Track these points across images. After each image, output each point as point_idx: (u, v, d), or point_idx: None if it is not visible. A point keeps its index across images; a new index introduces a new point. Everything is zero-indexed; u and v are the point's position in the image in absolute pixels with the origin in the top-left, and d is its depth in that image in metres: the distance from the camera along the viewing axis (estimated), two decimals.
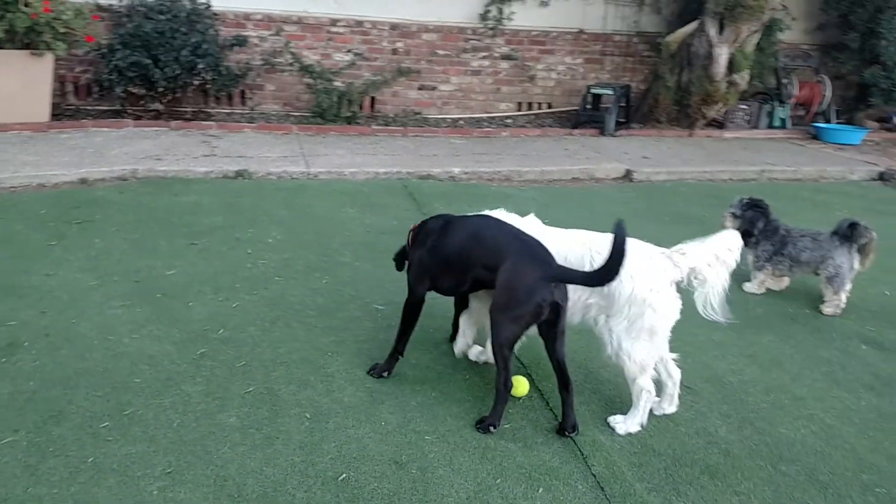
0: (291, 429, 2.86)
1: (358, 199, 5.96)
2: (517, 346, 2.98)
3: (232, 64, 8.74)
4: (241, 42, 8.65)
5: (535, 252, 2.85)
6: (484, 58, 10.12)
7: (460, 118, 10.02)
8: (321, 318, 3.80)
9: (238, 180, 6.32)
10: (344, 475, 2.62)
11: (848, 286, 4.26)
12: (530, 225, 3.23)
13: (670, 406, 3.13)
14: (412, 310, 3.21)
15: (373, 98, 9.74)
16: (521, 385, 3.15)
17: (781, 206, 6.12)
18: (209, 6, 8.37)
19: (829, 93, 10.41)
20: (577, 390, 3.03)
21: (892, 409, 3.30)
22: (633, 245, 2.84)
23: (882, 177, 7.93)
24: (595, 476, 2.70)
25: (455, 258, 3.05)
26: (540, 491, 2.61)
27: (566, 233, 3.20)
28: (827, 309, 4.27)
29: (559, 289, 2.80)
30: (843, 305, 4.27)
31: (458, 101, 10.17)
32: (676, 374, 3.10)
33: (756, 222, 4.50)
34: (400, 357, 3.27)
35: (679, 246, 2.96)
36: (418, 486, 2.58)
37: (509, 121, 10.02)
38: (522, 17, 9.96)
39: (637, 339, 2.87)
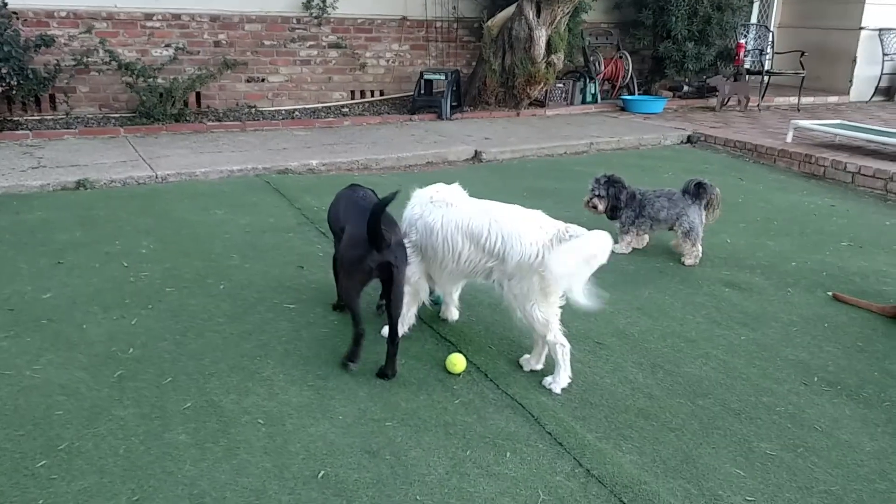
0: (249, 436, 2.78)
1: (222, 200, 5.74)
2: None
3: (38, 66, 7.97)
4: (46, 42, 7.89)
5: (366, 219, 3.04)
6: (311, 47, 10.01)
7: (295, 109, 9.85)
8: (233, 325, 3.68)
9: (81, 191, 5.84)
10: (322, 472, 2.61)
11: (701, 238, 4.81)
12: (453, 192, 3.47)
13: (538, 364, 3.35)
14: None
15: (198, 93, 9.31)
16: (458, 362, 3.28)
17: (618, 174, 6.73)
18: (6, 4, 7.55)
19: (630, 67, 11.42)
20: (510, 358, 3.21)
21: (767, 340, 3.81)
22: (522, 213, 3.18)
23: (689, 140, 8.89)
24: (550, 434, 2.89)
25: (333, 225, 3.63)
26: (508, 455, 2.75)
27: (472, 203, 3.37)
28: (688, 261, 4.79)
29: (391, 252, 3.04)
30: (700, 255, 4.81)
31: (290, 91, 9.99)
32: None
33: (619, 196, 4.91)
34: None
35: (571, 225, 3.13)
36: (397, 470, 2.63)
37: (346, 110, 10.01)
38: (347, 5, 9.96)
39: (535, 300, 3.10)
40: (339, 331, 3.62)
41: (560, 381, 3.21)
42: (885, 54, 13.20)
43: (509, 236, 3.12)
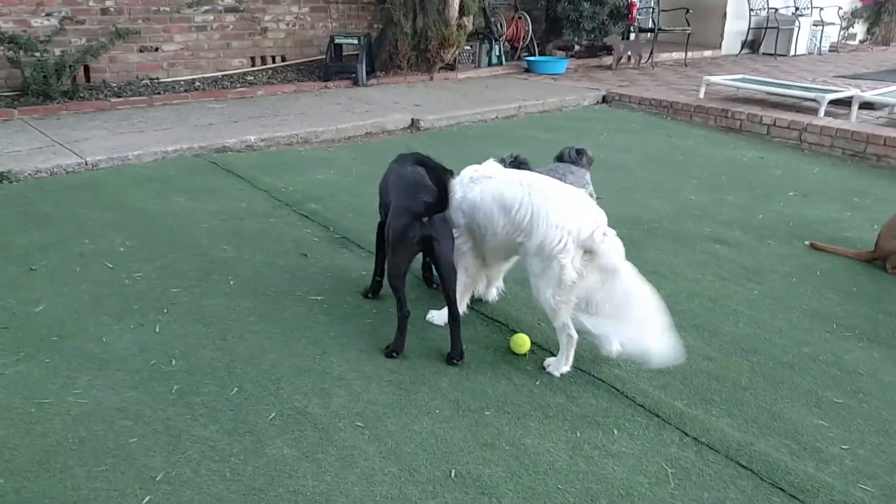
0: (357, 442, 2.63)
1: (174, 185, 5.31)
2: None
3: None
4: None
5: (408, 193, 3.08)
6: (207, 12, 9.36)
7: (194, 79, 9.20)
8: (269, 323, 3.43)
9: (6, 185, 5.19)
10: (452, 470, 2.52)
11: None
12: (490, 167, 3.39)
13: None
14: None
15: (87, 67, 8.48)
16: (524, 343, 3.25)
17: (556, 137, 6.86)
18: None
19: (530, 28, 11.55)
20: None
21: (776, 293, 4.05)
22: (566, 192, 3.06)
23: (605, 99, 9.16)
24: (643, 406, 2.94)
25: (383, 198, 3.51)
26: (616, 433, 2.78)
27: (510, 174, 3.28)
28: None
29: (432, 225, 3.01)
30: None
31: (187, 60, 9.32)
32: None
33: None
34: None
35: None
36: (524, 461, 2.58)
37: (251, 77, 9.47)
38: None
39: (548, 285, 2.99)
40: (383, 320, 3.47)
41: (560, 366, 3.12)
42: (751, 10, 14.14)
43: (538, 212, 2.99)
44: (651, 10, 12.46)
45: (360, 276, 3.96)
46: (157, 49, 9.04)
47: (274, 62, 10.08)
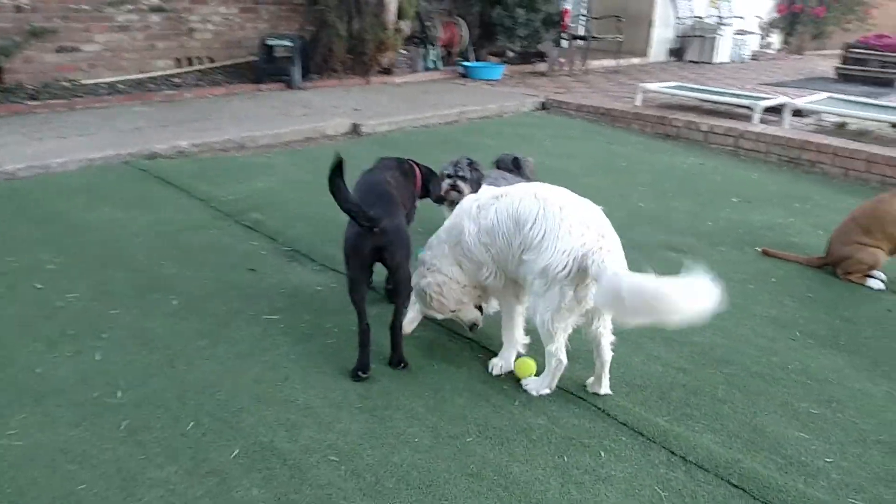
0: (333, 479, 2.42)
1: (103, 195, 4.94)
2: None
3: None
4: None
5: (363, 202, 2.97)
6: (131, 11, 8.87)
7: (117, 81, 8.71)
8: (221, 347, 3.18)
9: None
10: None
11: None
12: (494, 189, 3.16)
13: (601, 388, 3.01)
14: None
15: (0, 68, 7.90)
16: (527, 367, 3.09)
17: (501, 144, 6.79)
18: None
19: (465, 33, 11.47)
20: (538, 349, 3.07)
21: (736, 300, 3.98)
22: (571, 207, 2.81)
23: (544, 106, 9.15)
24: (626, 425, 2.84)
25: None
26: (602, 455, 2.66)
27: (523, 188, 3.03)
28: None
29: (385, 234, 2.91)
30: None
31: (108, 61, 8.81)
32: (607, 356, 2.98)
33: (481, 182, 4.20)
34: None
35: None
36: (514, 491, 2.44)
37: (177, 80, 9.04)
38: None
39: (547, 308, 2.82)
40: (346, 339, 3.26)
41: (541, 388, 2.98)
42: (677, 18, 14.49)
43: (550, 232, 2.78)
44: (585, 17, 12.57)
45: (316, 291, 3.74)
46: (75, 49, 8.50)
47: (201, 64, 9.64)
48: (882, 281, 4.31)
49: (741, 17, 15.44)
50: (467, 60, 11.32)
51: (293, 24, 10.47)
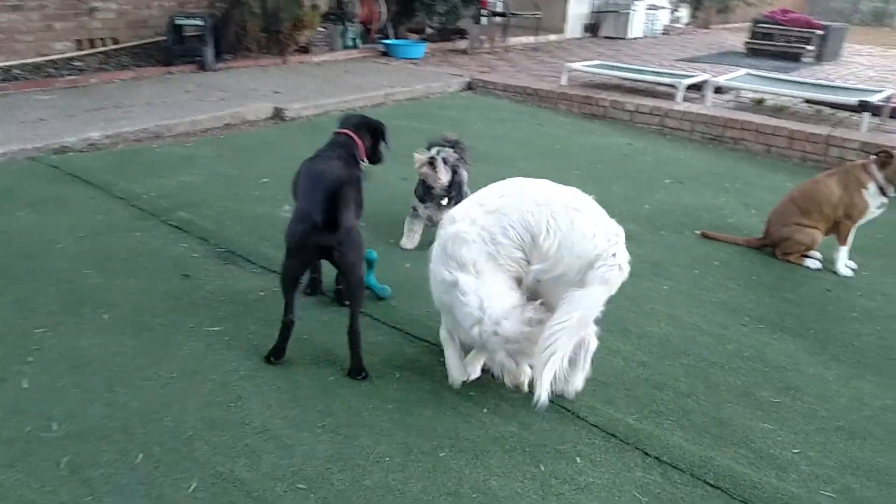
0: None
1: (13, 197, 4.53)
2: None
3: None
4: None
5: (311, 194, 2.80)
6: None
7: (11, 66, 8.04)
8: (163, 366, 2.93)
9: None
10: None
11: None
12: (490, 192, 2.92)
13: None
14: None
15: None
16: None
17: (432, 127, 6.64)
18: None
19: (384, 10, 11.17)
20: None
21: (683, 287, 4.07)
22: (578, 212, 2.68)
23: (469, 86, 9.02)
24: (597, 426, 2.79)
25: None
26: (579, 461, 2.60)
27: (518, 192, 2.82)
28: None
29: (337, 235, 2.74)
30: None
31: (1, 44, 8.11)
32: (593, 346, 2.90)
33: (458, 169, 4.05)
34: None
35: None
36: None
37: (80, 63, 8.43)
38: None
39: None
40: (300, 349, 3.08)
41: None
42: None
43: (563, 243, 2.65)
44: None
45: (259, 297, 3.52)
46: None
47: (105, 45, 9.02)
48: (818, 260, 4.42)
49: None
50: (387, 38, 11.04)
51: (202, 0, 9.92)
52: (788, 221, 4.41)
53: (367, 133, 3.44)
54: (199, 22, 8.49)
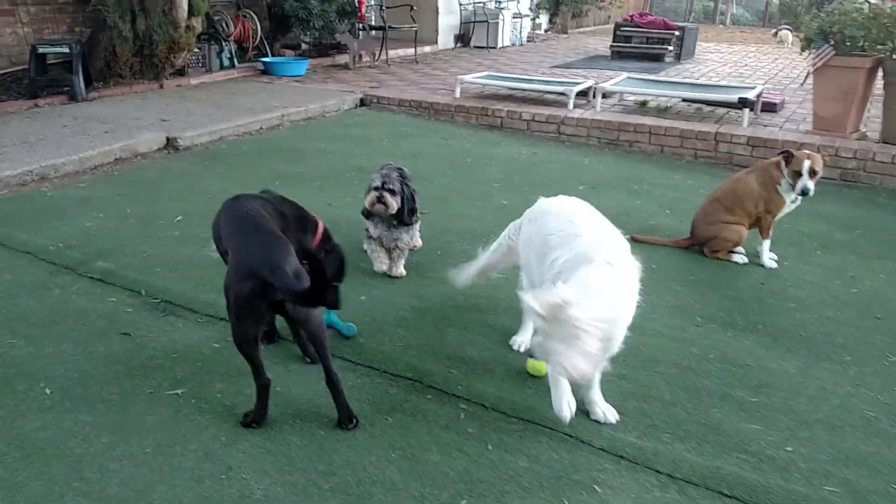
0: None
1: None
2: None
3: None
4: None
5: (253, 246, 2.59)
6: None
7: None
8: (138, 442, 2.62)
9: None
10: None
11: None
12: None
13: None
14: None
15: None
16: (540, 365, 3.08)
17: (340, 148, 6.51)
18: None
19: (258, 27, 10.80)
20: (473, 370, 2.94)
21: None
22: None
23: (363, 102, 8.86)
24: (603, 449, 2.76)
25: (218, 246, 2.91)
26: (597, 488, 2.56)
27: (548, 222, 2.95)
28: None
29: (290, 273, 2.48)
30: None
31: None
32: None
33: (414, 197, 3.98)
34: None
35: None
36: None
37: None
38: None
39: None
40: (276, 403, 2.86)
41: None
42: (460, 4, 14.77)
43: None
44: (380, 7, 12.37)
45: (214, 350, 3.25)
46: None
47: None
48: (743, 255, 4.64)
49: (517, 1, 16.13)
50: (264, 56, 10.67)
51: (61, 25, 9.21)
52: (714, 220, 4.60)
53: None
54: (64, 49, 7.83)
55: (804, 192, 4.35)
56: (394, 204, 3.83)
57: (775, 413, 3.06)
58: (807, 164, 4.32)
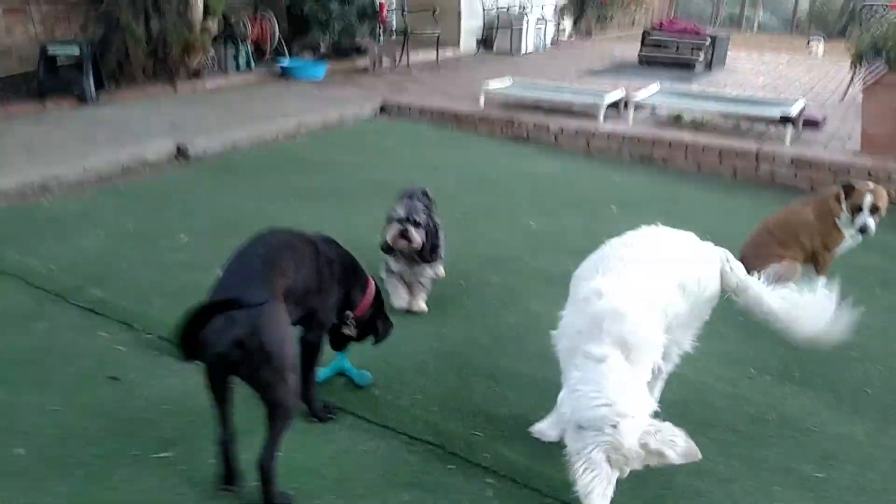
0: None
1: None
2: None
3: None
4: None
5: (226, 285, 2.24)
6: None
7: None
8: None
9: None
10: None
11: None
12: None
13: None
14: None
15: None
16: None
17: (362, 160, 6.16)
18: None
19: (276, 28, 10.48)
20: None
21: None
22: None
23: (383, 109, 8.51)
24: None
25: None
26: None
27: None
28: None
29: (242, 326, 2.07)
30: None
31: None
32: None
33: (438, 231, 3.65)
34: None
35: None
36: None
37: None
38: None
39: None
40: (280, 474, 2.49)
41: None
42: (484, 8, 14.39)
43: None
44: (403, 11, 12.01)
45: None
46: None
47: None
48: None
49: (542, 5, 15.73)
50: (282, 58, 10.35)
51: (73, 25, 8.89)
52: (767, 254, 4.20)
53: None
54: (74, 50, 7.54)
55: (863, 231, 3.95)
56: (419, 239, 3.46)
57: (846, 494, 2.67)
58: (868, 198, 3.92)
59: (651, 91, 8.25)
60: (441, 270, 4.13)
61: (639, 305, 2.40)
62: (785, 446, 2.92)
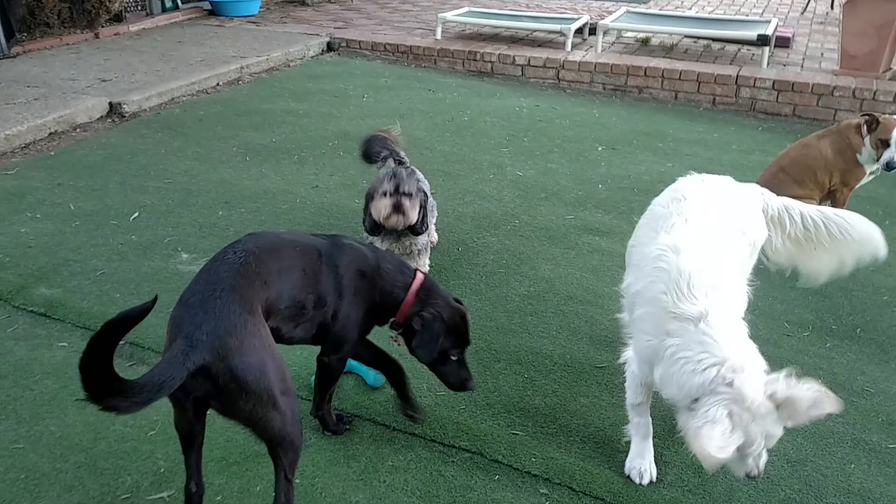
0: None
1: None
2: None
3: None
4: None
5: (185, 300, 1.85)
6: None
7: None
8: None
9: None
10: None
11: None
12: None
13: None
14: None
15: None
16: None
17: (317, 109, 5.61)
18: None
19: None
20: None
21: None
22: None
23: (330, 47, 7.85)
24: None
25: None
26: None
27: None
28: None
29: (204, 350, 1.70)
30: None
31: None
32: None
33: (427, 203, 3.23)
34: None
35: None
36: None
37: None
38: None
39: None
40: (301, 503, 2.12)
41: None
42: None
43: None
44: None
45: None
46: None
47: None
48: None
49: None
50: None
51: None
52: (781, 193, 3.88)
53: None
54: None
55: (889, 167, 3.68)
56: (414, 214, 3.00)
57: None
58: None
59: (618, 14, 7.79)
60: (434, 235, 3.72)
61: (719, 256, 2.19)
62: (846, 414, 2.67)
